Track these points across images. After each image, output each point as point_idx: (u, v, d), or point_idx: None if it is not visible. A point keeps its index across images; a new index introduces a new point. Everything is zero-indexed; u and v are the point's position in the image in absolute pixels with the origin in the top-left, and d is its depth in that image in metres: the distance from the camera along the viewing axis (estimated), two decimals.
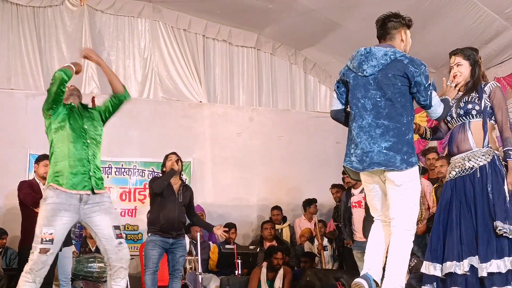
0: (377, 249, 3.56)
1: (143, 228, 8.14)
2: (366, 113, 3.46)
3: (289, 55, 9.90)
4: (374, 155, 3.40)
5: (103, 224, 4.04)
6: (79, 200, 3.97)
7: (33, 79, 8.46)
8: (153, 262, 5.83)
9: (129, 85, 9.05)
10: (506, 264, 3.52)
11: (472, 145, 3.75)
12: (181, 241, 6.01)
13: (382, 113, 3.43)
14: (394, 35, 3.61)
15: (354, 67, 3.56)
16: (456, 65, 3.93)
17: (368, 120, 3.45)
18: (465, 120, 3.81)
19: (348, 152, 3.54)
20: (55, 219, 3.87)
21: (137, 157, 8.60)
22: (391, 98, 3.42)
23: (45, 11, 8.67)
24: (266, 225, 8.18)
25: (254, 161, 9.23)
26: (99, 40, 8.93)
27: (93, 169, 4.08)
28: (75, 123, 4.15)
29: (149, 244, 5.91)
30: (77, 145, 4.07)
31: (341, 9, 8.02)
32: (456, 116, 3.84)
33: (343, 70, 3.67)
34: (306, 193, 8.98)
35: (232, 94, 9.61)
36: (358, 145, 3.46)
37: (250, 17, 9.09)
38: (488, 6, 7.01)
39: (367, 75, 3.49)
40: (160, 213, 5.91)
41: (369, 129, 3.44)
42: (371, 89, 3.47)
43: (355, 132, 3.49)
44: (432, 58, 7.34)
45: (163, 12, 9.19)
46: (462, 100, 3.85)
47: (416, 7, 7.23)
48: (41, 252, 3.82)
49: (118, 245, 4.04)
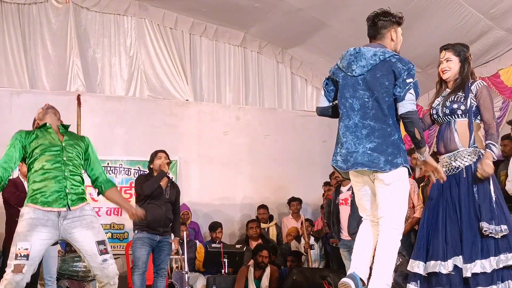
0: (364, 248, 3.56)
1: (129, 227, 8.10)
2: (353, 113, 3.47)
3: (275, 54, 9.91)
4: (358, 155, 3.41)
5: (85, 240, 3.77)
6: (57, 216, 3.74)
7: (18, 76, 8.38)
8: (142, 262, 5.76)
9: (115, 83, 9.02)
10: (491, 263, 3.55)
11: (458, 145, 3.76)
12: (167, 239, 5.95)
13: (369, 113, 3.44)
14: (384, 34, 3.59)
15: (343, 67, 3.56)
16: (445, 60, 3.92)
17: (355, 120, 3.45)
18: (450, 119, 3.81)
19: (335, 151, 3.55)
20: (31, 234, 3.63)
21: (123, 155, 8.56)
22: (378, 98, 3.43)
23: (30, 8, 8.60)
24: (251, 224, 8.19)
25: (241, 160, 9.22)
26: (84, 37, 8.87)
27: (70, 186, 3.82)
28: (50, 141, 3.89)
29: (137, 242, 5.83)
30: (52, 163, 3.82)
31: (328, 9, 8.04)
32: (442, 115, 3.85)
33: (333, 68, 3.65)
34: (292, 192, 8.99)
35: (219, 93, 9.60)
36: (344, 145, 3.47)
37: (236, 16, 9.08)
38: (473, 6, 7.06)
39: (356, 75, 3.49)
40: (147, 210, 5.79)
41: (355, 129, 3.44)
42: (360, 89, 3.48)
43: (341, 131, 3.50)
44: (417, 58, 7.38)
45: (149, 10, 9.15)
46: (449, 99, 3.85)
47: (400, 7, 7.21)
48: (15, 271, 3.54)
49: (103, 262, 3.75)
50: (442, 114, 3.84)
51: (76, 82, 8.61)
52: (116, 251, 7.75)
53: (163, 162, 5.93)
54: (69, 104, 8.39)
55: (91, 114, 8.54)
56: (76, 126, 8.40)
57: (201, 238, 8.40)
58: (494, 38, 7.45)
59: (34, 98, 8.25)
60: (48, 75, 8.60)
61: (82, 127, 8.44)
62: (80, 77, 8.61)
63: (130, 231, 8.09)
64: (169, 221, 5.98)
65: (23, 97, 8.21)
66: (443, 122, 3.88)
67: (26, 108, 8.12)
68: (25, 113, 8.14)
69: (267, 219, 8.67)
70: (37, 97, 8.29)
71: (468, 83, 3.84)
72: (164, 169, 5.90)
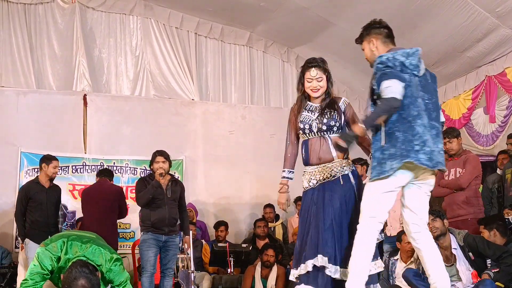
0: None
1: (135, 226, 8.13)
2: (425, 113, 3.49)
3: (281, 53, 9.90)
4: (438, 154, 3.47)
5: None
6: None
7: (24, 76, 8.41)
8: (150, 265, 5.74)
9: (121, 83, 9.04)
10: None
11: (334, 156, 3.87)
12: (173, 239, 5.93)
13: (433, 115, 3.53)
14: None
15: (411, 65, 3.53)
16: (316, 80, 3.94)
17: (428, 120, 3.49)
18: (325, 134, 3.88)
19: (412, 149, 3.40)
20: None
21: (129, 155, 8.57)
22: (436, 102, 3.58)
23: (36, 8, 8.63)
24: (259, 223, 8.15)
25: (247, 159, 9.22)
26: (90, 37, 8.89)
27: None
28: None
29: (144, 244, 5.82)
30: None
31: (334, 7, 8.03)
32: (316, 130, 3.89)
33: (398, 63, 3.50)
34: (298, 191, 8.87)
35: (224, 92, 9.60)
36: (426, 143, 3.43)
37: (242, 15, 9.08)
38: (480, 5, 7.04)
39: (420, 75, 3.56)
40: (150, 210, 5.85)
41: (429, 129, 3.48)
42: (423, 90, 3.53)
43: (420, 129, 3.43)
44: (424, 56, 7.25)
45: (155, 9, 9.17)
46: (325, 116, 3.88)
47: (407, 6, 7.26)
48: None
49: None
50: (317, 130, 3.89)
51: (82, 82, 8.63)
52: (122, 250, 7.78)
53: (157, 171, 5.86)
54: (75, 104, 8.43)
55: (97, 114, 8.56)
56: (82, 126, 8.44)
57: (207, 237, 8.41)
58: (500, 36, 7.42)
59: (40, 98, 8.29)
60: (55, 75, 8.62)
61: (88, 126, 8.47)
62: (86, 77, 8.63)
63: (136, 230, 8.12)
64: (174, 220, 5.95)
65: (30, 97, 8.24)
66: (314, 136, 3.93)
67: (33, 108, 8.17)
68: (32, 113, 8.20)
69: (273, 218, 8.66)
70: (44, 97, 8.34)
71: (337, 102, 3.94)
72: (157, 179, 5.83)
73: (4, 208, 7.77)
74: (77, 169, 8.24)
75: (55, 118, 8.26)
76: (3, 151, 7.88)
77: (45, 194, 6.47)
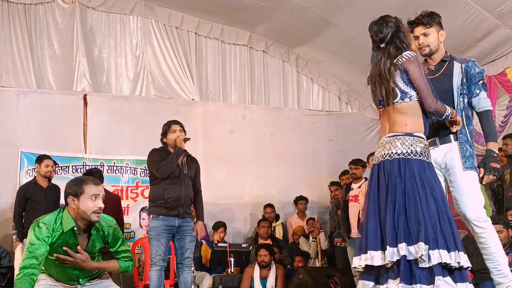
0: None
1: (135, 226, 8.13)
2: None
3: (281, 53, 9.90)
4: None
5: None
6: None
7: (24, 76, 8.41)
8: (160, 257, 4.96)
9: (121, 83, 9.03)
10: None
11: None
12: (189, 223, 5.13)
13: None
14: None
15: None
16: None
17: None
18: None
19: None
20: None
21: (129, 155, 8.56)
22: None
23: (36, 8, 8.63)
24: (263, 223, 8.12)
25: (247, 159, 9.22)
26: (90, 37, 8.89)
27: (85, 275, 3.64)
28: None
29: (152, 233, 5.01)
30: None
31: (334, 7, 8.03)
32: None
33: None
34: (298, 191, 8.98)
35: (225, 92, 9.60)
36: None
37: (242, 15, 9.08)
38: (480, 5, 7.04)
39: None
40: (164, 188, 5.06)
41: None
42: None
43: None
44: None
45: (155, 9, 9.17)
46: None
47: (407, 5, 7.24)
48: None
49: None
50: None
51: (82, 82, 8.63)
52: None
53: (179, 137, 5.20)
54: (75, 104, 8.43)
55: (97, 114, 8.56)
56: (82, 126, 8.44)
57: (207, 237, 8.40)
58: (500, 36, 7.42)
59: (40, 98, 8.29)
60: (55, 75, 8.62)
61: (88, 126, 8.47)
62: (87, 76, 8.63)
63: (136, 230, 8.12)
64: (190, 201, 5.23)
65: (30, 97, 8.24)
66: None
67: (33, 108, 8.17)
68: (32, 113, 8.20)
69: (273, 218, 8.67)
70: (44, 97, 8.33)
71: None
72: (181, 145, 5.14)
73: (4, 208, 7.76)
74: (77, 169, 8.24)
75: (55, 118, 8.25)
76: (3, 151, 7.88)
77: (43, 194, 6.50)
